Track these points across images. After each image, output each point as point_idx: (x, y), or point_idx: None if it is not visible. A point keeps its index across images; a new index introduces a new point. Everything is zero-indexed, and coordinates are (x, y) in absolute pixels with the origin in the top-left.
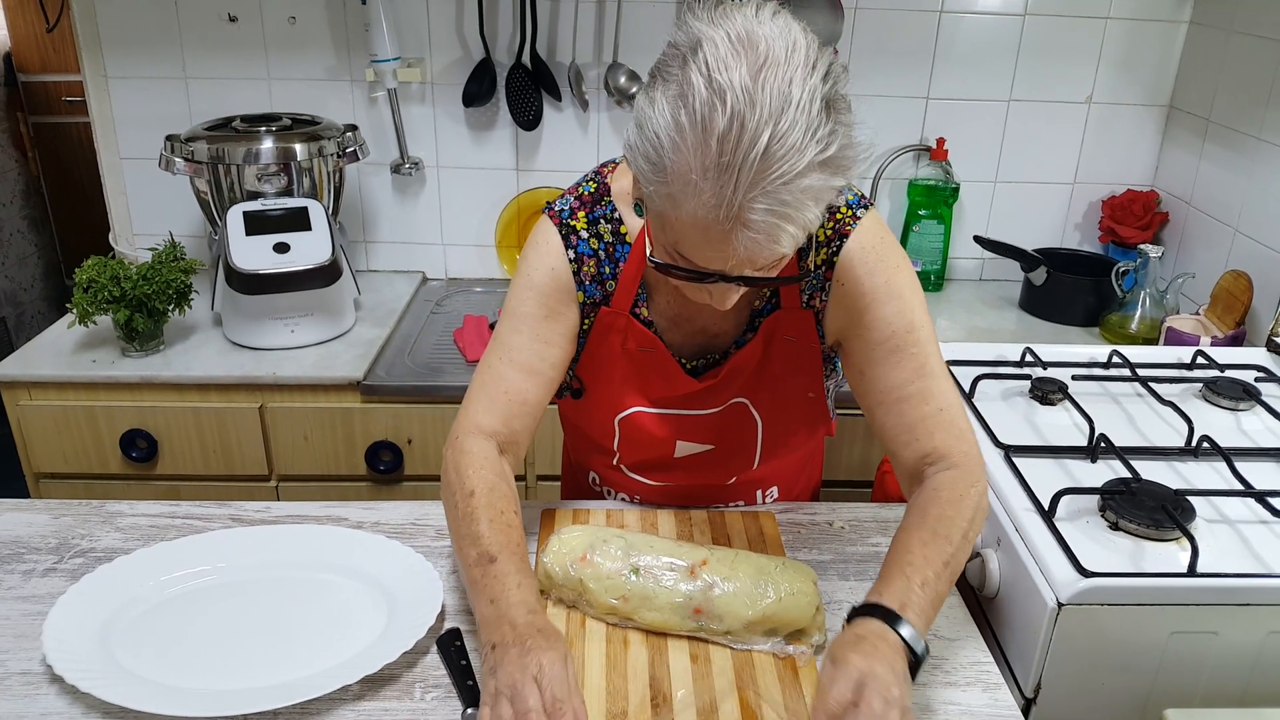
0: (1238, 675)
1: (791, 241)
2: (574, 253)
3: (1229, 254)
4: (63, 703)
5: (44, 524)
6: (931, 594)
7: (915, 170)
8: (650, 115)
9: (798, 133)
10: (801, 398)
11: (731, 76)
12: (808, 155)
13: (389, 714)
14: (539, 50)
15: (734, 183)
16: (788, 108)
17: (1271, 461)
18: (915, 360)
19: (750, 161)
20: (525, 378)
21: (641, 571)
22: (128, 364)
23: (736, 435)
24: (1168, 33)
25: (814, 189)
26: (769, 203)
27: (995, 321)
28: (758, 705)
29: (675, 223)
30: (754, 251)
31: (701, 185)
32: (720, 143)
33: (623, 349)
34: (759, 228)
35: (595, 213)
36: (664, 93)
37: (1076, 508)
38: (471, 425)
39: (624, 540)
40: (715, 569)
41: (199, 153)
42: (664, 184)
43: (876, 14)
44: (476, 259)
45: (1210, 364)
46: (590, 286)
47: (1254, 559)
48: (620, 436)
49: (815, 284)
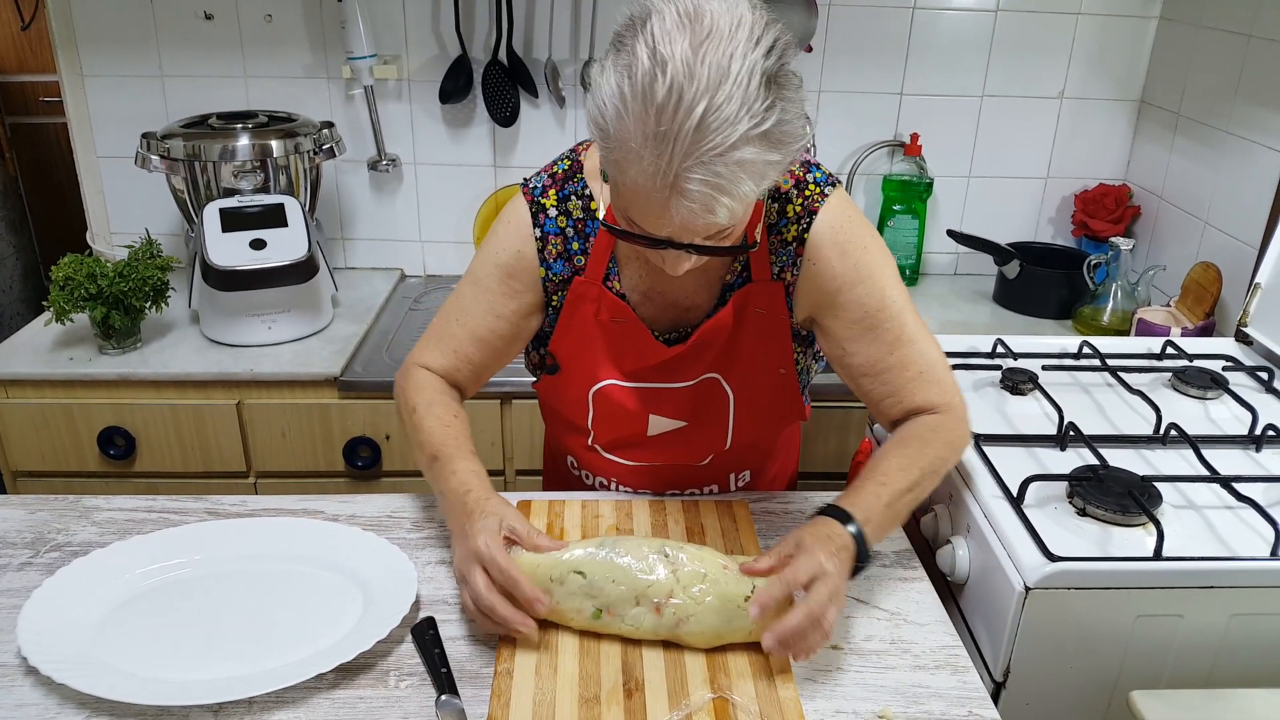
0: (1203, 657)
1: (727, 213)
2: (540, 231)
3: (1199, 246)
4: (38, 694)
5: (19, 519)
6: (892, 514)
7: (890, 166)
8: (600, 84)
9: (733, 105)
10: (772, 373)
11: (674, 48)
12: (740, 128)
13: (364, 701)
14: (515, 47)
15: (670, 152)
16: (725, 81)
17: (1238, 448)
18: (891, 332)
19: (686, 131)
20: (473, 343)
21: (605, 612)
22: (105, 361)
23: (708, 411)
24: (1138, 28)
25: (749, 162)
26: (704, 173)
27: (969, 315)
28: (728, 688)
29: (622, 188)
30: (689, 220)
31: (641, 153)
32: (659, 112)
33: (596, 320)
34: (694, 197)
35: (566, 189)
36: (614, 62)
37: (1045, 495)
38: (419, 361)
39: (583, 579)
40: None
41: (175, 150)
42: (610, 150)
43: (851, 10)
44: (455, 255)
45: (1179, 354)
46: (556, 264)
47: (1219, 543)
48: (594, 413)
49: (787, 259)
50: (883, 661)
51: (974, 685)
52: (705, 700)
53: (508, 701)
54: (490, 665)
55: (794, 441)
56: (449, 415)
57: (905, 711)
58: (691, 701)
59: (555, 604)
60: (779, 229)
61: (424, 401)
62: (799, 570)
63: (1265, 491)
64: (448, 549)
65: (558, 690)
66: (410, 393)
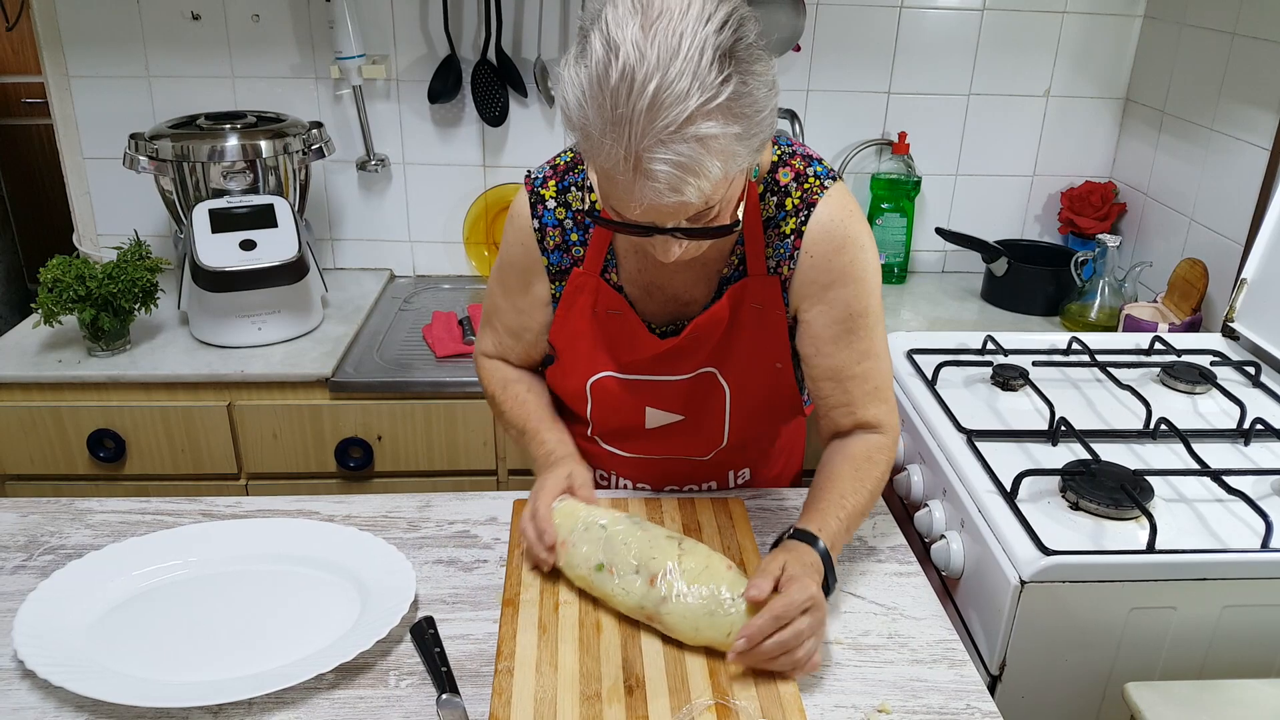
0: (1196, 649)
1: (696, 192)
2: (539, 222)
3: (1185, 243)
4: (35, 697)
5: (11, 522)
6: (846, 534)
7: (878, 164)
8: (564, 76)
9: (684, 82)
10: (769, 368)
11: (625, 33)
12: (692, 103)
13: (364, 701)
14: (504, 46)
15: (627, 134)
16: (675, 58)
17: (1227, 442)
18: (865, 341)
19: (639, 111)
20: (510, 336)
21: (607, 569)
22: (94, 364)
23: (704, 405)
24: (1123, 26)
25: (711, 137)
26: (666, 153)
27: (958, 312)
28: (728, 685)
29: (597, 175)
30: (656, 200)
31: (603, 139)
32: (614, 96)
33: (593, 312)
34: (658, 177)
35: (566, 180)
36: (574, 55)
37: (1038, 489)
38: (480, 350)
39: (603, 531)
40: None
41: (163, 151)
42: (580, 141)
43: (838, 10)
44: (444, 256)
45: (1167, 349)
46: (555, 254)
47: (1210, 535)
48: (592, 402)
49: (784, 252)
50: (880, 656)
51: (971, 679)
52: (706, 705)
53: (509, 699)
54: (490, 664)
55: (798, 442)
56: (523, 391)
57: (904, 705)
58: (694, 705)
59: (572, 544)
60: (776, 222)
61: (499, 387)
62: (792, 600)
63: (1255, 484)
64: (444, 548)
65: (559, 688)
66: (485, 381)
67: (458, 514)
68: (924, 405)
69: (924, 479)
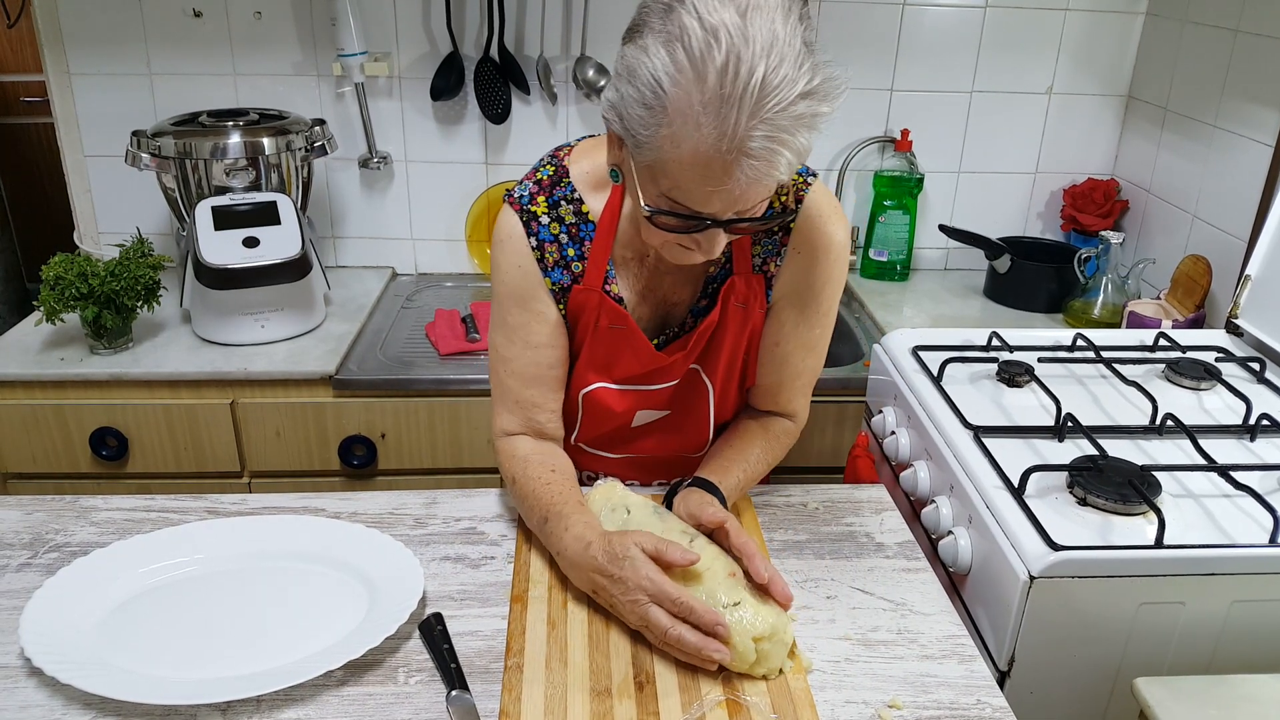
0: (1204, 644)
1: (788, 167)
2: (535, 240)
3: (1188, 239)
4: (42, 695)
5: (16, 520)
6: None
7: (880, 162)
8: (644, 61)
9: (788, 65)
10: (749, 364)
11: (723, 17)
12: (799, 85)
13: (373, 698)
14: (507, 43)
15: (735, 113)
16: (776, 43)
17: (1233, 438)
18: (817, 339)
19: (750, 91)
20: (528, 387)
21: None
22: (96, 362)
23: (689, 401)
24: (1125, 24)
25: (805, 116)
26: (767, 129)
27: (961, 309)
28: (738, 682)
29: (675, 165)
30: (755, 178)
31: (702, 119)
32: (720, 76)
33: (594, 327)
34: (759, 154)
35: (555, 195)
36: (655, 39)
37: (1045, 485)
38: (500, 431)
39: (627, 515)
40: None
41: (166, 148)
42: (663, 125)
43: (841, 7)
44: (447, 253)
45: (1172, 345)
46: (555, 271)
47: (1218, 530)
48: (583, 413)
49: (770, 249)
50: (890, 652)
51: (981, 674)
52: (717, 701)
53: (519, 695)
54: (499, 660)
55: None
56: (545, 472)
57: (914, 700)
58: (704, 701)
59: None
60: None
61: (519, 470)
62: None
63: (1262, 480)
64: (451, 545)
65: (569, 683)
66: (505, 467)
67: (464, 511)
68: (930, 401)
69: (931, 475)
